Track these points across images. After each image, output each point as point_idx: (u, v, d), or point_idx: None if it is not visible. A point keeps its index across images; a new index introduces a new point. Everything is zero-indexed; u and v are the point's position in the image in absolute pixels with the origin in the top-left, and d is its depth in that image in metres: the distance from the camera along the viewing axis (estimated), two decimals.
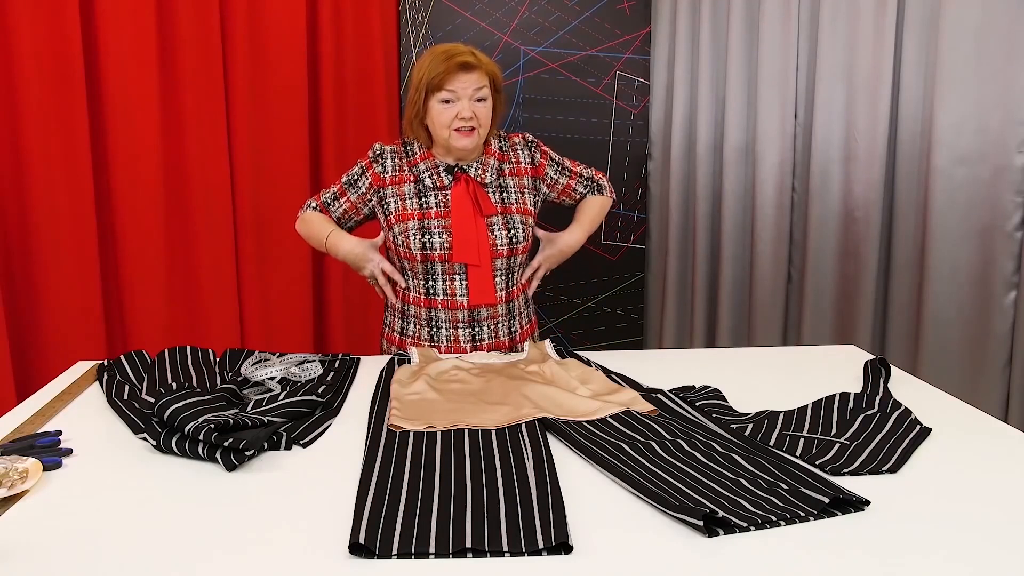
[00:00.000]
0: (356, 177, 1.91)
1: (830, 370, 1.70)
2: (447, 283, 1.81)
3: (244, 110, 2.70)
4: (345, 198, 1.92)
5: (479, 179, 1.84)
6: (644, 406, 1.44)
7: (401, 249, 1.83)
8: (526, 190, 1.90)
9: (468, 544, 0.95)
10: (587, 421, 1.36)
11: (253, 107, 2.71)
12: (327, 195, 1.95)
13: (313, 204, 1.97)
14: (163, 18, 2.60)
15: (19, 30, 2.44)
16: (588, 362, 1.71)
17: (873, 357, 1.67)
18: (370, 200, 1.89)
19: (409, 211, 1.82)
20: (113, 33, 2.54)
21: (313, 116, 2.83)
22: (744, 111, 2.97)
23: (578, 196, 2.03)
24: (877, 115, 2.79)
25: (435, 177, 1.84)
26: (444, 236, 1.79)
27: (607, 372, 1.65)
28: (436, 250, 1.79)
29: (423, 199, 1.83)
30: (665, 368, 1.71)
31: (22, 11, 2.43)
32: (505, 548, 0.95)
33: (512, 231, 1.83)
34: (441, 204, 1.82)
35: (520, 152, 1.92)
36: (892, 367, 1.65)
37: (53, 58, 2.48)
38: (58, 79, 2.49)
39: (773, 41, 2.87)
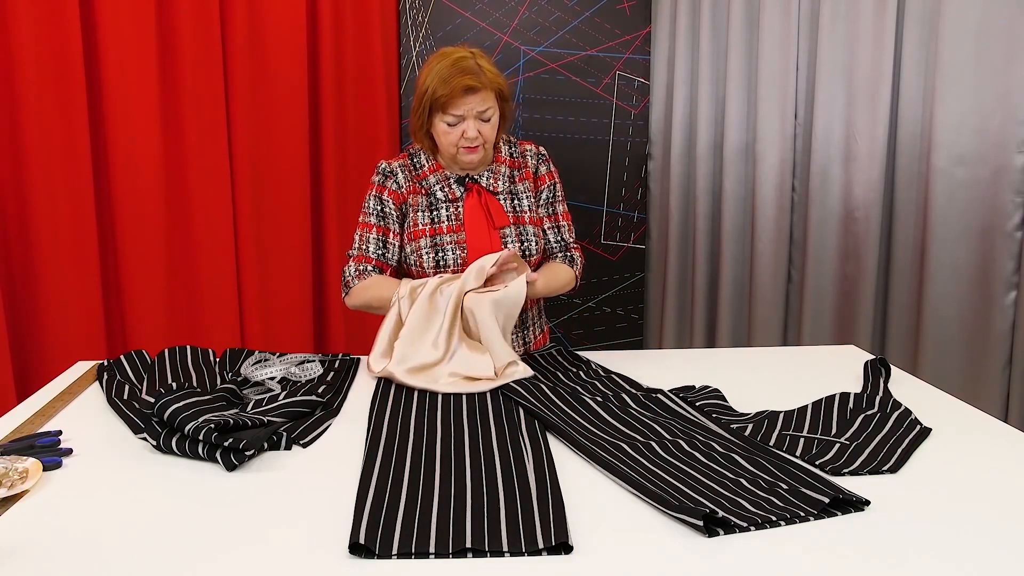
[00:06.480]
0: (379, 206, 1.82)
1: (830, 370, 1.70)
2: None
3: (244, 110, 2.69)
4: (390, 234, 1.81)
5: (491, 188, 1.82)
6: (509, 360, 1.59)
7: (414, 268, 1.80)
8: (533, 195, 1.88)
9: (468, 544, 0.95)
10: (586, 422, 1.36)
11: (253, 107, 2.71)
12: (367, 247, 1.80)
13: (353, 271, 1.80)
14: (163, 18, 2.60)
15: (19, 30, 2.43)
16: (581, 359, 1.75)
17: (873, 357, 1.67)
18: (400, 217, 1.83)
19: (421, 227, 1.79)
20: (113, 33, 2.54)
21: (313, 116, 2.83)
22: (744, 111, 2.97)
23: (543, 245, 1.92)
24: (877, 115, 2.79)
25: (446, 189, 1.81)
26: (458, 252, 1.77)
27: (607, 372, 1.65)
28: (450, 266, 1.76)
29: (435, 212, 1.80)
30: (665, 368, 1.71)
31: (22, 11, 2.43)
32: (505, 548, 0.95)
33: (525, 243, 1.81)
34: (453, 217, 1.79)
35: (529, 159, 1.90)
36: (892, 367, 1.65)
37: (53, 58, 2.48)
38: (58, 79, 2.49)
39: (773, 41, 2.87)
